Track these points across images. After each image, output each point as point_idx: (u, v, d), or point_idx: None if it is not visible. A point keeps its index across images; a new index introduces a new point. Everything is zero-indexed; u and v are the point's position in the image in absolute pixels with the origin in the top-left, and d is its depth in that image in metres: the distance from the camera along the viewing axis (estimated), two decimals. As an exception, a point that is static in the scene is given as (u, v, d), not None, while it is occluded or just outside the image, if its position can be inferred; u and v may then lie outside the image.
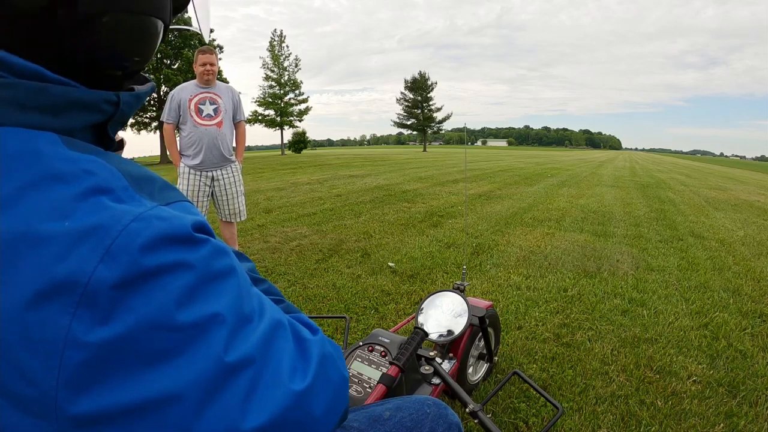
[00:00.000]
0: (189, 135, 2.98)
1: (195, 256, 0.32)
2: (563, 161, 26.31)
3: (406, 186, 9.09)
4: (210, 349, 0.31)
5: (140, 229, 0.30)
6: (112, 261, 0.29)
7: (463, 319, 1.27)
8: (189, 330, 0.31)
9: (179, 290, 0.31)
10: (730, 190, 10.92)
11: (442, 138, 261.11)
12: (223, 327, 0.32)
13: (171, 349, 0.30)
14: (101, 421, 0.29)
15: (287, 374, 0.36)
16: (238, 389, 0.32)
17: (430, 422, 0.72)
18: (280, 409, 0.35)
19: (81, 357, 0.28)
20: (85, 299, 0.28)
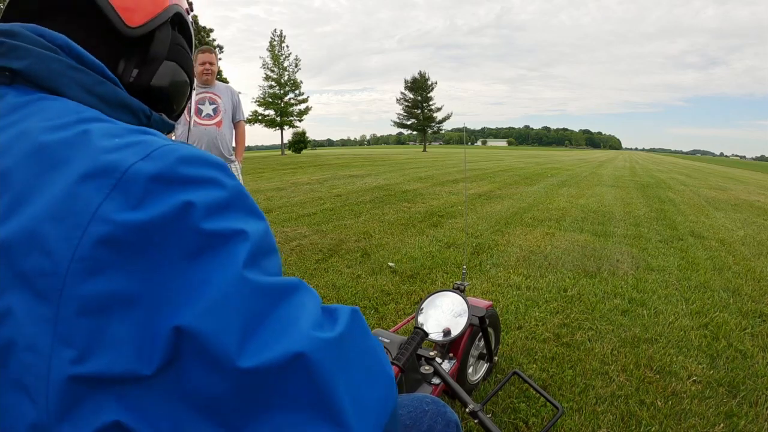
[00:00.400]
0: (182, 134, 2.98)
1: (228, 181, 0.35)
2: (563, 161, 26.31)
3: (406, 186, 9.09)
4: (230, 259, 0.31)
5: (179, 147, 0.34)
6: (152, 160, 0.32)
7: (463, 319, 1.27)
8: (213, 238, 0.31)
9: (209, 201, 0.32)
10: (730, 190, 10.92)
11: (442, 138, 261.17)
12: (247, 243, 0.32)
13: (191, 251, 0.30)
14: (102, 309, 0.28)
15: (309, 323, 0.32)
16: (252, 310, 0.30)
17: (429, 419, 0.72)
18: (291, 350, 0.30)
19: (103, 232, 0.28)
20: (122, 184, 0.30)
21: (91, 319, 0.28)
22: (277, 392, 0.30)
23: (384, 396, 0.35)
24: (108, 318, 0.28)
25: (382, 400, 0.34)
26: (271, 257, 0.36)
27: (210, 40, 29.74)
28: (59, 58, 0.39)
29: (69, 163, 0.31)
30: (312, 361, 0.30)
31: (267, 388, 0.29)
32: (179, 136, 3.01)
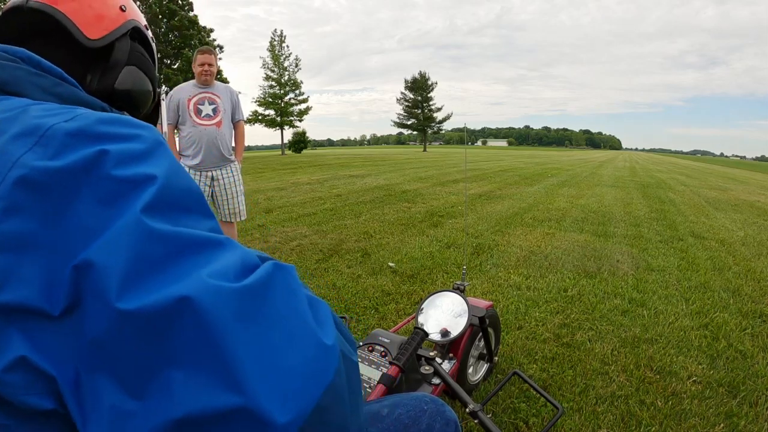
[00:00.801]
0: (188, 135, 2.98)
1: (149, 136, 0.37)
2: (563, 161, 26.31)
3: (407, 186, 9.09)
4: (132, 202, 0.31)
5: (97, 113, 0.38)
6: (74, 121, 0.35)
7: (463, 319, 1.27)
8: (123, 184, 0.32)
9: (123, 151, 0.34)
10: (731, 190, 10.92)
11: (442, 138, 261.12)
12: (153, 187, 0.33)
13: (102, 196, 0.31)
14: (15, 247, 0.30)
15: (211, 272, 0.30)
16: (144, 254, 0.29)
17: (428, 418, 0.73)
18: (175, 294, 0.28)
19: (19, 174, 0.31)
20: (43, 140, 0.33)
21: (5, 255, 0.30)
22: (169, 345, 0.27)
23: (311, 367, 0.29)
24: (20, 255, 0.30)
25: (308, 372, 0.29)
26: (193, 215, 0.35)
27: (210, 40, 29.76)
28: (21, 66, 0.44)
29: (5, 132, 0.35)
30: (200, 307, 0.27)
31: (156, 339, 0.27)
32: (184, 137, 3.02)
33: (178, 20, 28.20)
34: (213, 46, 29.28)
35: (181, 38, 28.48)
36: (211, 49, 3.05)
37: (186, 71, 27.07)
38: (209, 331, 0.27)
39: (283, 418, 0.27)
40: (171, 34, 28.80)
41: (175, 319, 0.27)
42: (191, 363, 0.27)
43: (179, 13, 28.46)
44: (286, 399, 0.28)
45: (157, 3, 27.73)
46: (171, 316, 0.27)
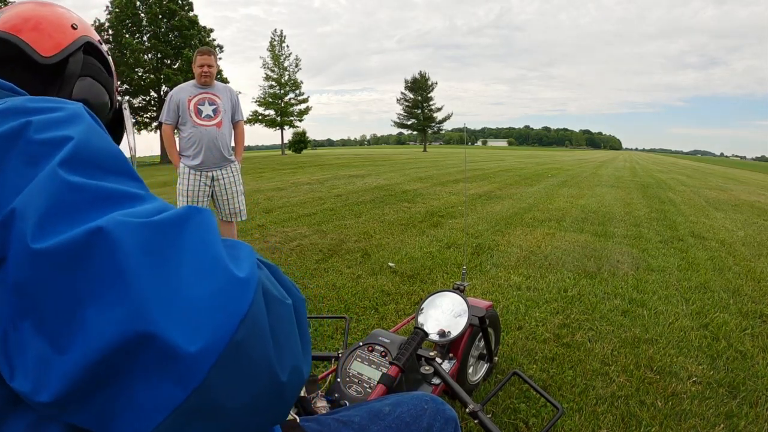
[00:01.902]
0: (189, 135, 2.98)
1: (70, 107, 0.41)
2: (563, 161, 26.31)
3: (407, 186, 9.09)
4: (51, 158, 0.34)
5: (29, 96, 0.43)
6: (3, 102, 0.39)
7: (463, 319, 1.27)
8: (45, 146, 0.35)
9: (45, 119, 0.37)
10: (731, 191, 10.91)
11: (443, 138, 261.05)
12: (69, 144, 0.35)
13: (27, 159, 0.34)
14: None
15: (122, 213, 0.31)
16: (59, 201, 0.31)
17: (428, 417, 0.74)
18: (89, 227, 0.29)
19: None
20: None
21: None
22: (81, 281, 0.28)
23: (221, 299, 0.29)
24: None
25: (218, 304, 0.28)
26: (113, 175, 0.36)
27: (210, 40, 29.77)
28: None
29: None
30: (110, 237, 0.28)
31: (69, 276, 0.28)
32: (184, 137, 3.01)
33: (178, 20, 28.21)
34: (213, 47, 29.29)
35: (181, 38, 28.50)
36: (211, 49, 3.04)
37: (186, 71, 27.06)
38: (118, 263, 0.28)
39: (193, 347, 0.26)
40: (171, 34, 28.83)
41: (86, 252, 0.28)
42: (101, 298, 0.27)
43: (179, 13, 28.47)
44: (195, 329, 0.27)
45: (157, 3, 27.74)
46: (83, 249, 0.28)
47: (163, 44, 28.30)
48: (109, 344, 0.26)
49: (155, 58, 29.02)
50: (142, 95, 29.72)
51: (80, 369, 0.27)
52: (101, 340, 0.27)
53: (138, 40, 28.15)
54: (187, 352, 0.26)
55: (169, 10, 28.04)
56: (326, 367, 1.77)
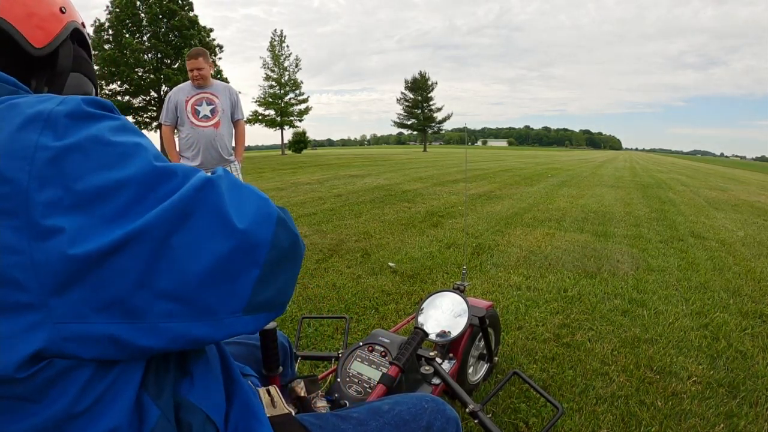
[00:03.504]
0: (187, 137, 2.97)
1: (117, 115, 0.47)
2: (563, 161, 26.31)
3: (407, 186, 9.09)
4: (141, 160, 0.42)
5: (81, 96, 0.45)
6: (64, 104, 0.42)
7: (463, 319, 1.27)
8: (121, 147, 0.42)
9: (111, 126, 0.43)
10: (731, 191, 10.92)
11: (443, 138, 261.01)
12: (148, 151, 0.43)
13: (110, 161, 0.41)
14: (66, 206, 0.38)
15: (199, 176, 0.44)
16: (168, 186, 0.42)
17: (428, 416, 0.74)
18: (189, 191, 0.41)
19: (47, 155, 0.38)
20: (49, 123, 0.40)
21: (59, 218, 0.37)
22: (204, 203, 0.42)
23: (259, 209, 0.45)
24: (73, 213, 0.38)
25: (260, 212, 0.45)
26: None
27: (210, 40, 29.73)
28: None
29: (4, 123, 0.40)
30: (216, 183, 0.43)
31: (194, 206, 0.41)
32: (182, 138, 3.01)
33: (178, 20, 28.18)
34: (212, 46, 29.27)
35: (181, 38, 28.47)
36: (201, 51, 2.94)
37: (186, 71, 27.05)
38: (220, 196, 0.43)
39: (262, 238, 0.44)
40: (171, 34, 28.79)
41: (206, 190, 0.43)
42: (212, 211, 0.42)
43: (179, 13, 28.45)
44: (251, 225, 0.43)
45: (157, 3, 27.72)
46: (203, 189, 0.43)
47: (163, 44, 28.27)
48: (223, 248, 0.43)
49: (155, 58, 29.00)
50: (142, 95, 29.69)
51: None
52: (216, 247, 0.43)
53: (138, 40, 28.11)
54: (260, 240, 0.44)
55: (169, 10, 28.00)
56: (326, 367, 1.77)
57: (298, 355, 1.25)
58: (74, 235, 0.37)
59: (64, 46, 0.61)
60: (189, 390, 0.49)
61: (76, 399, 0.40)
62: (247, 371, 0.77)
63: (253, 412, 0.56)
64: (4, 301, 0.37)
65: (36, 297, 0.37)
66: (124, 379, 0.42)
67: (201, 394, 0.50)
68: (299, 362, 1.32)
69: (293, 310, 2.53)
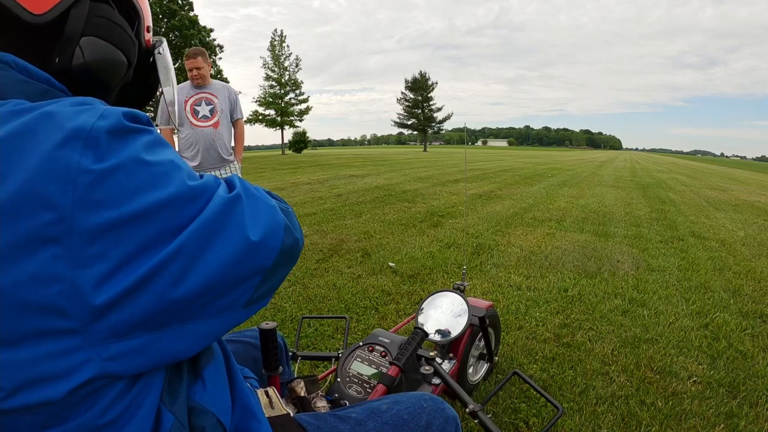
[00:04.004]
0: (186, 137, 2.97)
1: (152, 128, 0.45)
2: (564, 161, 26.31)
3: (407, 186, 9.09)
4: (177, 181, 0.42)
5: (119, 108, 0.43)
6: (105, 119, 0.40)
7: (463, 319, 1.27)
8: (158, 167, 0.41)
9: (149, 141, 0.43)
10: (731, 191, 10.91)
11: (443, 138, 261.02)
12: (182, 170, 0.44)
13: (149, 182, 0.40)
14: (108, 230, 0.37)
15: (222, 192, 0.45)
16: (197, 205, 0.42)
17: (427, 415, 0.74)
18: (217, 211, 0.43)
19: (88, 179, 0.37)
20: (89, 142, 0.38)
21: (101, 243, 0.37)
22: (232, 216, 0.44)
23: (270, 219, 0.47)
24: (114, 238, 0.38)
25: (271, 222, 0.47)
26: None
27: (210, 40, 29.74)
28: (7, 72, 0.45)
29: (41, 136, 0.38)
30: (239, 200, 0.45)
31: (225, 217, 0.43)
32: (182, 138, 3.01)
33: (178, 20, 28.20)
34: (212, 46, 29.27)
35: (182, 38, 28.48)
36: (200, 50, 2.93)
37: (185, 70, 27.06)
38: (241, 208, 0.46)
39: (273, 246, 0.47)
40: (171, 34, 28.80)
41: (235, 202, 0.45)
42: (237, 224, 0.44)
43: (179, 13, 28.46)
44: (262, 235, 0.46)
45: (157, 3, 27.73)
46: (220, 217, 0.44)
47: None
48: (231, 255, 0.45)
49: (155, 59, 29.01)
50: (142, 95, 29.70)
51: None
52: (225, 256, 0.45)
53: (138, 40, 28.12)
54: (270, 250, 0.46)
55: (170, 10, 28.02)
56: (326, 367, 1.77)
57: (298, 355, 1.25)
58: (117, 261, 0.37)
59: (78, 6, 0.50)
60: (201, 394, 0.50)
61: (104, 412, 0.40)
62: (246, 373, 0.77)
63: (253, 413, 0.57)
64: (48, 328, 0.36)
65: (78, 323, 0.37)
66: (146, 390, 0.43)
67: (212, 398, 0.50)
68: (299, 362, 1.32)
69: (293, 310, 2.53)
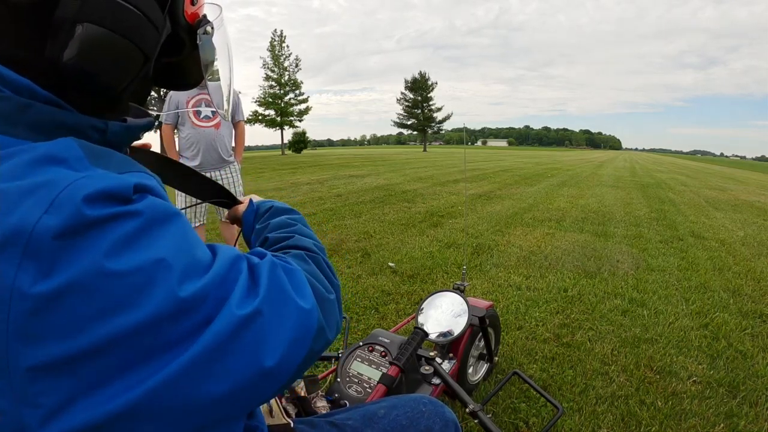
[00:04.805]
0: (187, 136, 2.97)
1: (134, 207, 0.33)
2: (563, 161, 26.31)
3: (407, 186, 9.09)
4: (161, 292, 0.31)
5: (86, 184, 0.31)
6: (56, 211, 0.29)
7: (463, 319, 1.27)
8: (133, 277, 0.31)
9: (120, 238, 0.31)
10: (731, 191, 10.92)
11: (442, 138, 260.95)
12: (170, 270, 0.32)
13: (115, 299, 0.30)
14: (54, 371, 0.29)
15: (236, 302, 0.36)
16: (192, 320, 0.33)
17: (426, 420, 0.72)
18: (223, 335, 0.34)
19: (27, 307, 0.28)
20: (30, 250, 0.28)
21: (47, 380, 0.29)
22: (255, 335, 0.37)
23: (296, 333, 0.40)
24: (67, 373, 0.29)
25: (296, 337, 0.40)
26: (198, 244, 0.37)
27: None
28: None
29: None
30: (261, 315, 0.37)
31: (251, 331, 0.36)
32: (183, 138, 3.01)
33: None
34: (213, 46, 29.14)
35: (181, 38, 28.48)
36: None
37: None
38: None
39: (288, 368, 0.40)
40: (171, 34, 28.82)
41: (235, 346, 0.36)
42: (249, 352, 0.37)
43: (179, 13, 28.48)
44: (290, 360, 0.39)
45: (157, 3, 27.73)
46: (231, 348, 0.36)
47: None
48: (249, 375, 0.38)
49: (155, 58, 29.06)
50: (142, 95, 29.75)
51: None
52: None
53: (138, 40, 28.17)
54: (283, 373, 0.39)
55: (169, 10, 28.09)
56: (326, 367, 1.77)
57: None
58: (70, 397, 0.29)
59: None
60: None
61: None
62: None
63: (258, 421, 0.58)
64: None
65: None
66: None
67: None
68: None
69: (293, 310, 2.53)
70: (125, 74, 0.42)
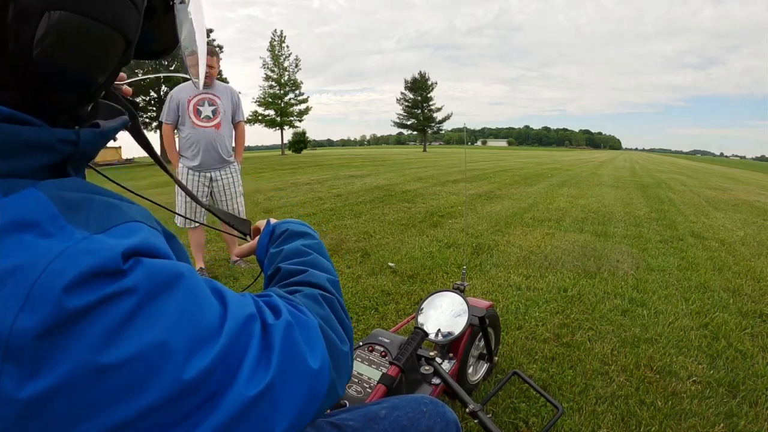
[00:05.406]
0: (187, 136, 2.97)
1: (126, 284, 0.29)
2: (563, 161, 26.31)
3: (406, 186, 9.09)
4: (162, 379, 0.29)
5: (63, 267, 0.27)
6: (33, 308, 0.26)
7: (462, 319, 1.27)
8: (129, 368, 0.28)
9: (112, 324, 0.28)
10: (730, 190, 10.92)
11: (442, 138, 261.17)
12: (174, 355, 0.30)
13: (112, 392, 0.27)
14: None
15: (245, 377, 0.34)
16: (195, 399, 0.30)
17: (427, 420, 0.72)
18: (230, 416, 0.32)
19: (16, 411, 0.26)
20: (10, 354, 0.26)
21: None
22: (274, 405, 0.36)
23: (306, 396, 0.39)
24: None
25: (306, 401, 0.39)
26: (204, 309, 0.33)
27: (209, 41, 29.76)
28: None
29: None
30: (273, 393, 0.36)
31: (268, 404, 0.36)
32: (183, 137, 3.01)
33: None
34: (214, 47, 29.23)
35: (181, 38, 28.47)
36: (213, 49, 2.99)
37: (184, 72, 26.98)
38: None
39: None
40: (171, 34, 28.81)
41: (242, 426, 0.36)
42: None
43: (179, 13, 28.47)
44: (299, 419, 0.39)
45: (157, 3, 27.71)
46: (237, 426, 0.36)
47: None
48: None
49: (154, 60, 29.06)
50: (142, 95, 29.71)
51: None
52: None
53: (138, 41, 28.11)
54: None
55: (169, 10, 28.05)
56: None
57: None
58: None
59: None
60: None
61: None
62: None
63: None
64: None
65: None
66: None
67: None
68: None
69: (293, 311, 2.53)
70: (105, 65, 0.37)
